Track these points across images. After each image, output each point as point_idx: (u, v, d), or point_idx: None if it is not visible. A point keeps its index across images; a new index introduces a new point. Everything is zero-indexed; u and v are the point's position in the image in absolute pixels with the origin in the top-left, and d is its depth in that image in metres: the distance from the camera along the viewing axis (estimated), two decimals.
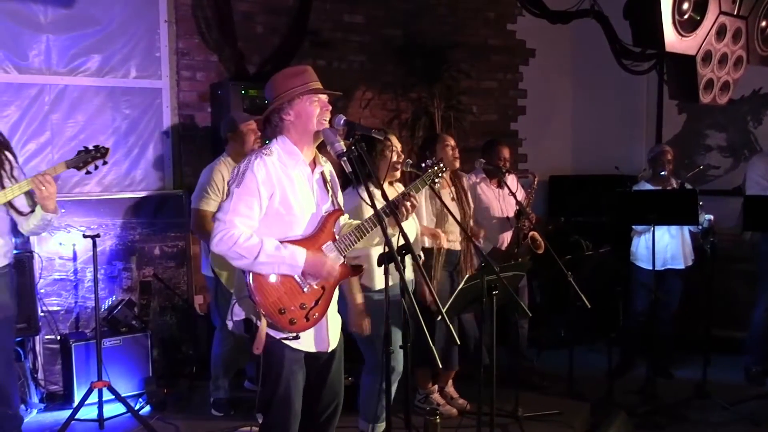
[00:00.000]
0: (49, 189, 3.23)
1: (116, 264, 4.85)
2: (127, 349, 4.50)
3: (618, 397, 4.53)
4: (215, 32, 5.21)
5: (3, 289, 3.43)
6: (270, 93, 2.74)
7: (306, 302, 2.66)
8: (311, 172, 2.75)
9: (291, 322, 2.62)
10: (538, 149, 6.86)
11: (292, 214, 2.66)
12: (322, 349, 2.77)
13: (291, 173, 2.68)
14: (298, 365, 2.71)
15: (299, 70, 2.74)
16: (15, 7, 4.57)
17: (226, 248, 2.56)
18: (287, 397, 2.68)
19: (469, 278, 3.42)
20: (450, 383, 4.44)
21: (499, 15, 6.70)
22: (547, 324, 5.57)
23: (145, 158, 5.09)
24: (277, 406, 2.69)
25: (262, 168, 2.61)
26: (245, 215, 2.58)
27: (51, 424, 4.15)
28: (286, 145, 2.70)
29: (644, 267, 4.96)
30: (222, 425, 4.12)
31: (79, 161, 3.38)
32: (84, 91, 4.84)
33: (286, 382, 2.67)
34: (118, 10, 4.90)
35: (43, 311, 4.52)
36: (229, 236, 2.55)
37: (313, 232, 2.70)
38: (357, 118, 5.58)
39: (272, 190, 2.62)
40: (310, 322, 2.68)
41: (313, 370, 2.79)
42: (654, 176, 4.99)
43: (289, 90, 2.67)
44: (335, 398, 2.87)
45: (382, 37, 5.97)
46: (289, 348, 2.67)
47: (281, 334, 2.64)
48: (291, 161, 2.69)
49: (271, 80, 2.76)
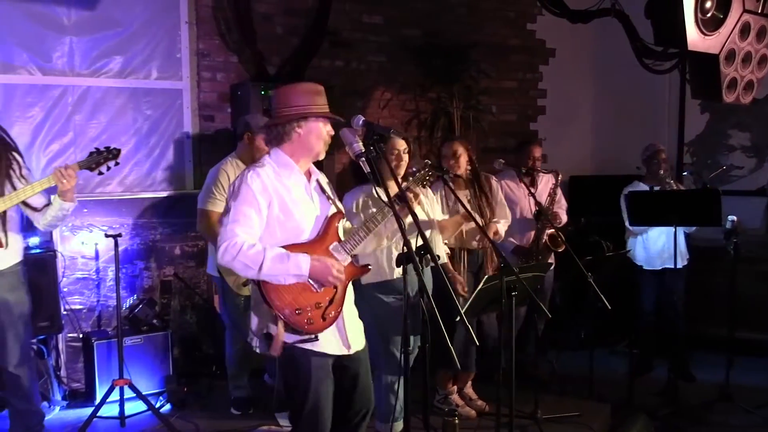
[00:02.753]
0: (71, 181, 3.31)
1: (137, 263, 4.90)
2: (148, 347, 4.54)
3: (639, 399, 4.49)
4: (235, 33, 5.24)
5: (17, 286, 3.51)
6: (284, 100, 2.72)
7: (321, 301, 2.68)
8: (307, 182, 2.79)
9: (308, 322, 2.63)
10: (558, 149, 6.81)
11: (293, 220, 2.68)
12: (344, 351, 2.77)
13: (286, 182, 2.71)
14: (324, 372, 2.72)
15: (317, 90, 2.75)
16: (39, 9, 4.63)
17: (231, 258, 2.56)
18: (316, 408, 2.69)
19: (489, 279, 3.41)
20: (469, 384, 4.43)
21: (519, 14, 6.67)
22: (567, 325, 5.53)
23: (166, 158, 5.13)
24: (307, 417, 2.70)
25: (256, 179, 2.64)
26: (245, 224, 2.60)
27: (73, 421, 4.20)
28: (280, 157, 2.73)
29: (645, 268, 4.97)
30: (241, 424, 4.14)
31: (92, 162, 3.44)
32: (106, 92, 4.89)
33: (315, 392, 2.69)
34: (140, 11, 4.94)
35: (66, 310, 4.58)
36: (233, 245, 2.55)
37: (318, 235, 2.73)
38: (376, 119, 5.59)
39: (269, 199, 2.64)
40: (327, 321, 2.69)
41: (344, 377, 2.80)
42: (649, 176, 4.95)
43: (306, 105, 2.69)
44: (367, 404, 2.87)
45: (401, 37, 5.97)
46: (314, 355, 2.68)
47: (299, 337, 2.65)
48: (286, 172, 2.72)
49: (284, 89, 2.75)
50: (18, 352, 3.53)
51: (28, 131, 4.66)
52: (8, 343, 3.49)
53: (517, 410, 3.57)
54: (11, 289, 3.48)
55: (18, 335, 3.52)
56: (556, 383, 4.79)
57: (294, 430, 2.79)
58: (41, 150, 4.71)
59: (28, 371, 3.60)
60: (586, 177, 6.72)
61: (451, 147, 4.18)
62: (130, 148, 4.97)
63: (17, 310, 3.50)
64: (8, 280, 3.47)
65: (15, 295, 3.49)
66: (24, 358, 3.58)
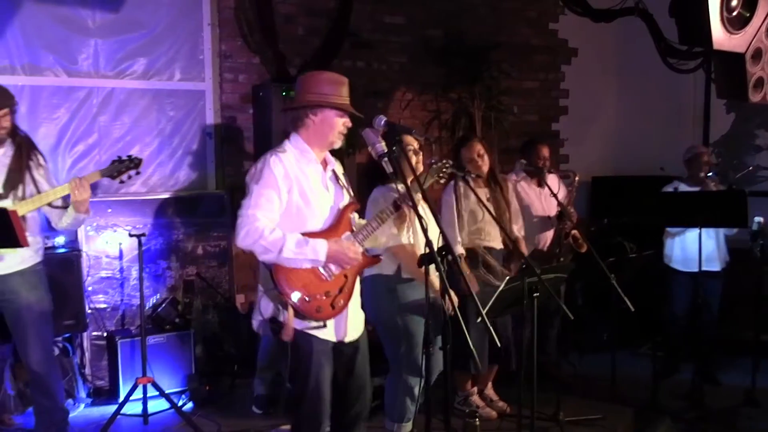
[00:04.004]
0: (83, 194, 3.35)
1: (160, 263, 4.95)
2: (170, 346, 4.58)
3: (663, 403, 4.44)
4: (257, 34, 5.26)
5: (38, 285, 3.57)
6: (305, 87, 2.77)
7: (331, 290, 2.73)
8: (323, 170, 2.82)
9: (318, 310, 2.68)
10: (580, 150, 6.75)
11: (310, 208, 2.73)
12: (340, 338, 2.81)
13: (305, 169, 2.76)
14: (325, 357, 2.77)
15: (339, 80, 2.79)
16: (65, 12, 4.70)
17: (252, 242, 2.61)
18: (318, 389, 2.73)
19: (510, 280, 3.39)
20: (490, 385, 4.41)
21: (541, 14, 6.63)
22: (589, 327, 5.48)
23: (189, 159, 5.18)
24: (310, 399, 2.74)
25: (278, 164, 2.69)
26: (267, 209, 2.65)
27: (97, 418, 4.25)
28: (299, 143, 2.78)
29: (681, 270, 4.86)
30: (262, 423, 4.17)
31: (113, 171, 3.50)
32: (130, 93, 4.95)
33: (316, 374, 2.73)
34: (163, 14, 4.99)
35: (91, 308, 4.63)
36: (254, 229, 2.61)
37: (332, 224, 2.78)
38: (397, 119, 5.58)
39: (290, 184, 2.69)
40: (336, 310, 2.74)
41: (340, 364, 2.84)
42: (691, 177, 4.88)
43: (324, 95, 2.73)
44: (362, 391, 2.91)
45: (422, 37, 5.96)
46: (316, 340, 2.72)
47: (307, 324, 2.69)
48: (304, 159, 2.77)
49: (308, 76, 2.82)
50: (41, 350, 3.59)
51: (54, 132, 4.73)
52: (31, 342, 3.55)
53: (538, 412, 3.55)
54: (32, 288, 3.54)
55: (40, 333, 3.58)
56: (579, 385, 4.74)
57: (295, 414, 2.81)
58: (66, 151, 4.77)
59: (51, 369, 3.65)
60: (609, 178, 6.66)
61: (474, 147, 4.16)
62: (153, 148, 5.03)
63: (39, 308, 3.56)
64: (29, 279, 3.53)
65: (36, 294, 3.55)
66: (47, 356, 3.64)
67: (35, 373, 3.60)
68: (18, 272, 3.49)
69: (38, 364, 3.58)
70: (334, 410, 2.82)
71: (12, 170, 3.43)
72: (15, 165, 3.44)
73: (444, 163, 3.24)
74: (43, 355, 3.60)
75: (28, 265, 3.53)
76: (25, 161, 3.45)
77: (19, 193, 3.41)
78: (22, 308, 3.51)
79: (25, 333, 3.54)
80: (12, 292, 3.49)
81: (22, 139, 3.53)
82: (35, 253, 3.57)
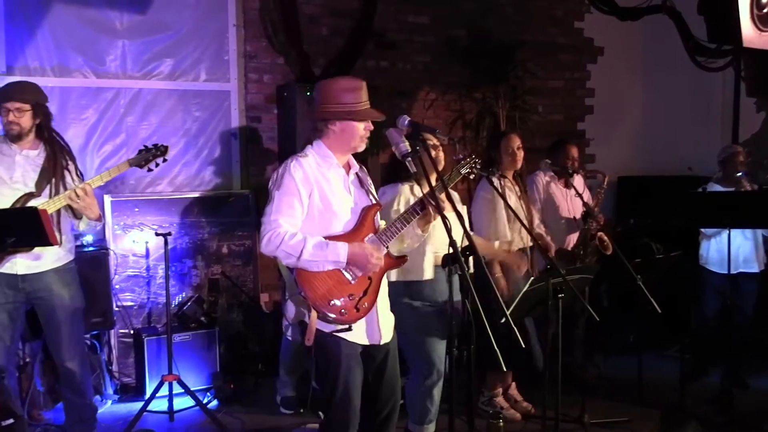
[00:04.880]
0: (84, 200, 3.40)
1: (186, 262, 5.00)
2: (196, 344, 4.62)
3: (690, 406, 4.37)
4: (282, 35, 5.29)
5: (71, 283, 3.63)
6: (324, 98, 2.76)
7: (354, 293, 2.72)
8: (346, 174, 2.83)
9: (341, 312, 2.68)
10: (606, 149, 6.69)
11: (331, 211, 2.73)
12: (374, 342, 2.81)
13: (326, 174, 2.76)
14: (354, 361, 2.76)
15: (356, 86, 2.77)
16: (93, 14, 4.77)
17: (274, 248, 2.63)
18: (347, 394, 2.73)
19: (534, 281, 3.36)
20: (514, 386, 4.38)
21: (567, 12, 6.57)
22: (614, 328, 5.42)
23: (214, 159, 5.22)
24: (338, 403, 2.73)
25: (299, 169, 2.70)
26: (288, 214, 2.67)
27: (124, 414, 4.30)
28: (321, 149, 2.79)
29: (716, 271, 4.78)
30: (287, 421, 4.19)
31: (141, 159, 3.56)
32: (157, 94, 5.01)
33: (345, 378, 2.72)
34: (189, 15, 5.05)
35: (118, 306, 4.70)
36: (276, 235, 2.63)
37: (355, 227, 2.77)
38: (420, 119, 5.58)
39: (311, 189, 2.70)
40: (361, 312, 2.73)
41: (370, 368, 2.83)
42: (725, 178, 4.80)
43: (343, 104, 2.73)
44: (393, 396, 2.89)
45: (446, 37, 5.95)
46: (344, 343, 2.72)
47: (333, 327, 2.69)
48: (326, 164, 2.78)
49: (325, 84, 2.81)
50: (72, 346, 3.64)
51: (82, 133, 4.80)
52: (63, 338, 3.61)
53: (563, 414, 3.52)
54: (65, 285, 3.60)
55: (72, 330, 3.64)
56: (604, 387, 4.69)
57: (325, 418, 2.82)
58: (95, 151, 4.84)
59: (81, 366, 3.71)
60: (635, 178, 6.58)
61: (514, 139, 4.13)
62: (179, 148, 5.08)
63: (72, 306, 3.62)
64: (63, 276, 3.59)
65: (69, 292, 3.61)
66: (78, 353, 3.69)
67: (66, 370, 3.65)
68: (53, 270, 3.55)
69: (70, 361, 3.63)
70: (365, 413, 2.81)
71: (45, 170, 3.50)
72: (48, 165, 3.51)
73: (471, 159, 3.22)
74: (75, 352, 3.66)
75: (63, 263, 3.60)
76: (58, 163, 3.52)
77: (48, 192, 3.48)
78: (56, 305, 3.57)
79: (58, 330, 3.60)
80: (46, 290, 3.55)
81: (56, 143, 3.60)
82: (68, 251, 3.63)
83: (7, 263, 3.47)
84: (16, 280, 3.49)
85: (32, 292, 3.54)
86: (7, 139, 3.54)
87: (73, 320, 3.63)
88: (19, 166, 3.50)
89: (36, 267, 3.51)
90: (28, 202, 3.42)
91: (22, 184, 3.47)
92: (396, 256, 2.90)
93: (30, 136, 3.54)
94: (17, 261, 3.46)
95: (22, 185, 3.47)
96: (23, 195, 3.44)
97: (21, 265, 3.48)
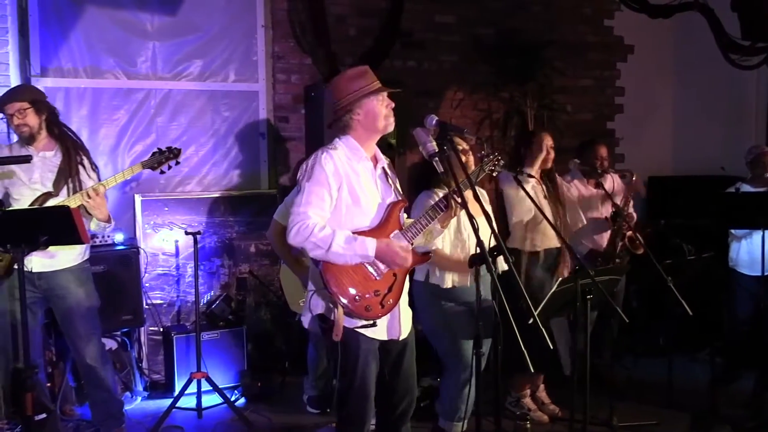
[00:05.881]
0: (95, 200, 3.47)
1: (214, 260, 5.06)
2: (224, 342, 4.67)
3: (722, 410, 4.29)
4: (309, 35, 5.32)
5: (86, 282, 3.72)
6: (336, 94, 2.81)
7: (380, 289, 2.72)
8: (374, 167, 2.83)
9: (367, 308, 2.69)
10: (636, 149, 6.59)
11: (359, 205, 2.74)
12: (394, 337, 2.81)
13: (356, 167, 2.76)
14: (372, 356, 2.77)
15: (362, 71, 2.81)
16: (125, 16, 4.85)
17: (303, 239, 2.64)
18: (364, 388, 2.74)
19: (563, 281, 3.34)
20: (542, 388, 4.35)
21: (596, 11, 6.49)
22: (644, 331, 5.35)
23: (242, 159, 5.26)
24: (355, 397, 2.75)
25: (329, 161, 2.70)
26: (318, 206, 2.67)
27: (154, 411, 4.36)
28: (350, 142, 2.79)
29: (747, 273, 4.69)
30: (313, 420, 4.21)
31: (154, 162, 3.64)
32: (186, 94, 5.07)
33: (362, 372, 2.73)
34: (218, 16, 5.10)
35: (148, 304, 4.77)
36: (305, 227, 2.63)
37: (381, 223, 2.78)
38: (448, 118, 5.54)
39: (340, 182, 2.70)
40: (386, 309, 2.73)
41: (386, 362, 2.84)
42: (755, 178, 4.70)
43: (356, 91, 2.75)
44: (409, 390, 2.90)
45: (473, 36, 5.92)
46: (363, 338, 2.73)
47: (357, 323, 2.70)
48: (355, 157, 2.78)
49: (334, 82, 2.85)
50: (90, 343, 3.71)
51: (113, 133, 4.88)
52: (83, 336, 3.68)
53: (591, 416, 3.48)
54: (81, 284, 3.68)
55: (91, 328, 3.71)
56: (633, 390, 4.64)
57: (340, 412, 2.82)
58: (126, 151, 4.92)
59: (103, 362, 3.78)
60: (666, 178, 6.48)
61: (546, 137, 4.12)
62: (208, 148, 5.14)
63: (88, 303, 3.70)
64: (78, 275, 3.68)
65: (85, 290, 3.70)
66: (99, 349, 3.76)
67: (89, 367, 3.72)
68: (67, 269, 3.64)
69: (91, 358, 3.70)
70: (380, 408, 2.83)
71: (62, 170, 3.59)
72: (64, 165, 3.60)
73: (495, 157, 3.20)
74: (95, 349, 3.73)
75: (77, 263, 3.68)
76: (73, 161, 3.61)
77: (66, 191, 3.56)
78: (71, 304, 3.65)
79: (76, 328, 3.67)
80: (62, 288, 3.62)
81: (72, 143, 3.68)
82: (83, 251, 3.72)
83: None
84: (32, 277, 3.56)
85: (48, 290, 3.62)
86: (23, 143, 3.62)
87: (90, 317, 3.70)
88: (37, 167, 3.59)
89: (50, 266, 3.59)
90: (46, 202, 3.52)
91: (40, 184, 3.57)
92: (421, 253, 2.90)
93: (42, 135, 3.63)
94: (32, 259, 3.52)
95: (40, 185, 3.57)
96: (41, 195, 3.54)
97: (36, 263, 3.56)
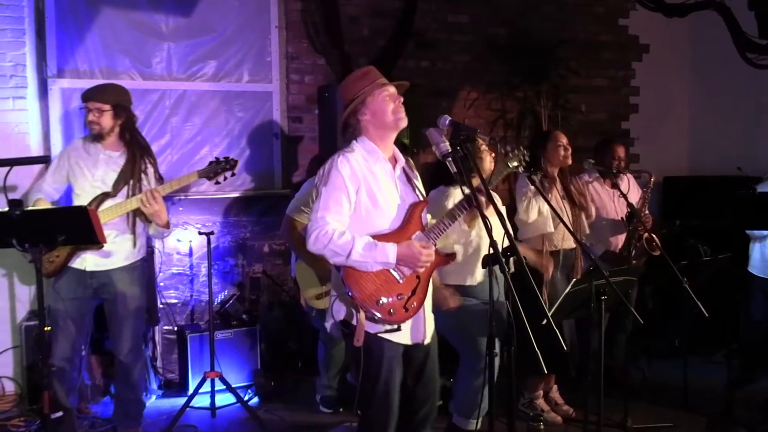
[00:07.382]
0: (153, 206, 3.47)
1: (228, 260, 5.08)
2: (237, 341, 4.69)
3: (737, 413, 4.25)
4: (323, 36, 5.33)
5: (137, 281, 3.73)
6: (343, 99, 2.81)
7: (403, 292, 2.69)
8: (392, 168, 2.80)
9: (390, 313, 2.65)
10: (651, 149, 6.55)
11: (378, 208, 2.70)
12: (418, 340, 2.79)
13: (373, 169, 2.73)
14: (396, 362, 2.74)
15: (365, 71, 2.81)
16: (140, 17, 4.88)
17: (322, 246, 2.60)
18: (387, 394, 2.72)
19: (577, 282, 3.32)
20: (555, 389, 4.33)
21: (610, 10, 6.46)
22: (659, 332, 5.31)
23: (256, 159, 5.29)
24: (377, 402, 2.73)
25: (346, 165, 2.67)
26: (336, 211, 2.64)
27: (168, 409, 4.38)
28: (366, 144, 2.77)
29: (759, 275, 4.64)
30: (326, 420, 4.22)
31: (210, 171, 3.65)
32: (201, 95, 5.10)
33: (386, 378, 2.71)
34: (233, 17, 5.12)
35: (162, 303, 4.80)
36: (324, 233, 2.60)
37: (402, 224, 2.74)
38: (461, 119, 5.55)
39: (358, 185, 2.67)
40: (410, 312, 2.70)
41: (409, 367, 2.82)
42: None
43: (360, 91, 2.74)
44: (431, 396, 2.88)
45: (487, 36, 5.91)
46: (387, 343, 2.71)
47: (381, 328, 2.68)
48: (372, 158, 2.75)
49: (340, 87, 2.85)
50: (131, 342, 3.73)
51: None
52: (124, 333, 3.70)
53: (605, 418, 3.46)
54: (131, 283, 3.69)
55: (134, 327, 3.73)
56: (648, 392, 4.60)
57: (363, 417, 2.81)
58: None
59: (138, 362, 3.80)
60: (682, 178, 6.43)
61: (560, 137, 4.11)
62: (222, 148, 5.15)
63: (135, 303, 3.72)
64: (130, 275, 3.69)
65: (135, 290, 3.71)
66: (135, 349, 3.78)
67: (123, 365, 3.74)
68: (121, 268, 3.65)
69: (127, 357, 3.73)
70: (402, 414, 2.80)
71: (124, 172, 3.60)
72: (127, 167, 3.61)
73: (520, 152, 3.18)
74: (133, 348, 3.76)
75: (131, 261, 3.69)
76: (137, 166, 3.62)
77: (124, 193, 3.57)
78: (120, 302, 3.67)
79: (120, 325, 3.69)
80: (113, 286, 3.64)
81: (137, 145, 3.69)
82: (138, 250, 3.73)
83: (78, 259, 3.57)
84: (84, 276, 3.59)
85: (99, 288, 3.64)
86: (92, 139, 3.64)
87: (135, 317, 3.72)
88: (102, 165, 3.61)
89: (104, 264, 3.61)
90: (103, 202, 3.54)
91: (101, 182, 3.59)
92: (445, 254, 2.87)
93: (112, 137, 3.65)
94: (87, 257, 3.56)
95: (101, 183, 3.58)
96: (100, 194, 3.55)
97: (90, 261, 3.58)
